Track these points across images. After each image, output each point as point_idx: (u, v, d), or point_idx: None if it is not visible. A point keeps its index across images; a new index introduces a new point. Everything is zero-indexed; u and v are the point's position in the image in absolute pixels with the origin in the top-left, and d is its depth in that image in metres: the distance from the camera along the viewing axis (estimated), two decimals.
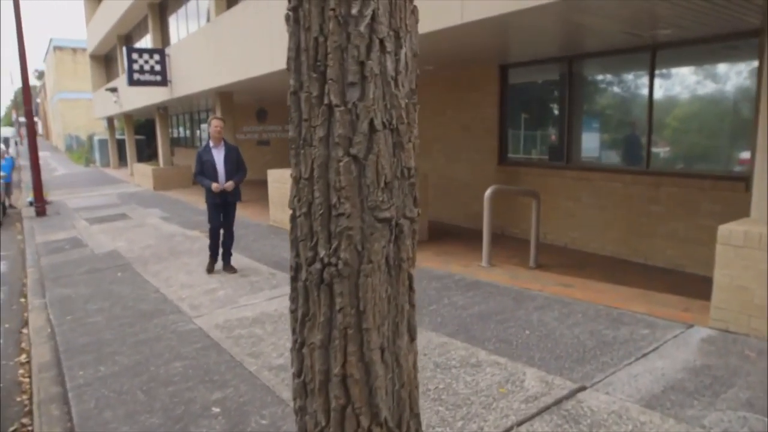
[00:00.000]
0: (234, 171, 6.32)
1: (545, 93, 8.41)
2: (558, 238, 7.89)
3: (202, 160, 6.22)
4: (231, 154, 6.32)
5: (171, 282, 6.13)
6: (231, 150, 6.37)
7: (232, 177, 6.29)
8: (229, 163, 6.29)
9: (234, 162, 6.33)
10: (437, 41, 6.27)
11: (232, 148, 6.43)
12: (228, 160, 6.28)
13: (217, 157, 6.23)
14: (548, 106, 8.31)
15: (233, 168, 6.32)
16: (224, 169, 6.25)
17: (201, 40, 12.28)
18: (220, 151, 6.27)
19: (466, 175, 9.29)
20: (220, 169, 6.22)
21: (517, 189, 7.56)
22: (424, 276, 5.73)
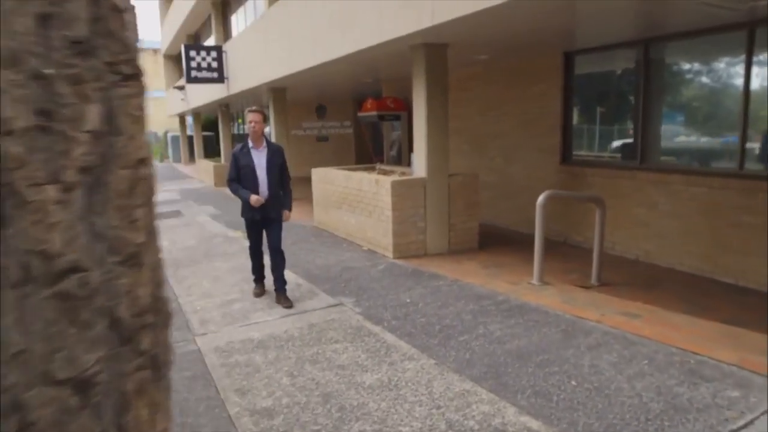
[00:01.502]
0: (279, 178, 5.06)
1: (616, 83, 7.37)
2: (628, 250, 6.88)
3: (239, 164, 4.94)
4: (275, 157, 5.01)
5: (193, 290, 5.77)
6: (275, 152, 5.05)
7: (277, 186, 5.04)
8: (273, 169, 5.00)
9: (277, 167, 5.04)
10: (489, 24, 5.50)
11: (276, 149, 5.10)
12: (272, 164, 4.99)
13: (258, 161, 4.95)
14: (620, 98, 7.27)
15: (278, 174, 5.06)
16: (266, 177, 4.96)
17: (252, 35, 12.05)
18: (261, 153, 4.98)
19: (525, 175, 8.39)
20: (261, 176, 4.95)
21: (576, 194, 6.62)
22: (463, 294, 5.01)
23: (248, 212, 5.07)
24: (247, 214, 5.09)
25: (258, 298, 5.32)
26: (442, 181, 6.80)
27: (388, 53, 7.35)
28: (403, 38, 6.10)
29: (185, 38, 22.87)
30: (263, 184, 4.97)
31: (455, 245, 7.03)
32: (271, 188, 4.99)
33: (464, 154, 9.73)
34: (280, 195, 5.10)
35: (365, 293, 5.22)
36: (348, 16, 7.24)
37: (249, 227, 5.23)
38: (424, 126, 6.65)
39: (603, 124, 7.51)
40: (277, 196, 5.06)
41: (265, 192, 4.97)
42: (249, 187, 4.94)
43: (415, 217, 6.67)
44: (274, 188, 5.02)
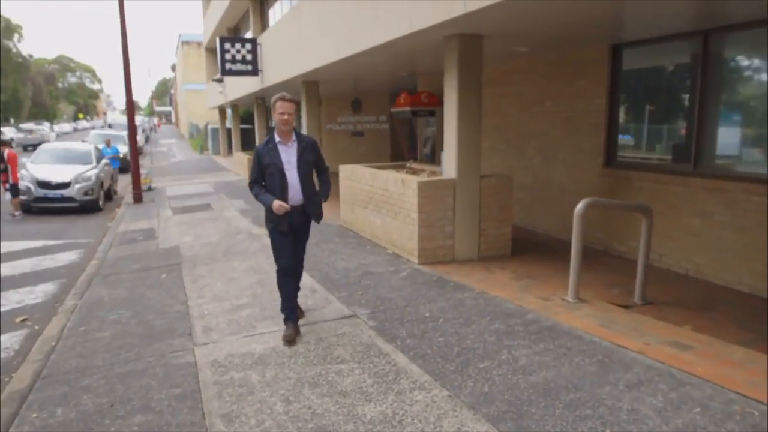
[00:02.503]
0: (310, 179, 4.19)
1: (669, 79, 6.71)
2: (677, 263, 6.24)
3: (262, 163, 4.05)
4: (307, 153, 4.12)
5: (205, 291, 5.51)
6: (307, 146, 4.14)
7: (310, 189, 4.15)
8: (305, 168, 4.10)
9: (310, 165, 4.17)
10: (529, 12, 4.99)
11: (309, 143, 4.19)
12: (302, 162, 4.08)
13: (286, 159, 4.04)
14: (672, 95, 6.61)
15: (311, 174, 4.21)
16: (297, 178, 4.05)
17: (286, 27, 11.80)
18: (290, 149, 4.07)
19: (565, 177, 7.81)
20: (290, 178, 4.03)
21: (620, 203, 6.03)
22: (489, 311, 4.55)
23: (274, 220, 4.09)
24: (273, 221, 4.10)
25: (289, 345, 4.00)
26: (474, 183, 6.32)
27: (421, 45, 6.91)
28: (435, 28, 5.66)
29: (225, 32, 22.94)
30: (293, 188, 4.03)
31: (486, 251, 6.56)
32: (304, 192, 4.08)
33: (500, 153, 9.19)
34: (315, 200, 4.20)
35: (383, 304, 4.83)
36: (379, 5, 6.83)
37: (276, 240, 4.18)
38: (456, 123, 6.19)
39: (652, 123, 6.86)
40: (311, 201, 4.15)
41: (297, 197, 4.05)
42: (275, 191, 4.02)
43: (443, 220, 6.23)
44: (307, 192, 4.11)
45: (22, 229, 10.32)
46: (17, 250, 8.45)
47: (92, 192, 12.39)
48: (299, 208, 4.12)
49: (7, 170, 11.60)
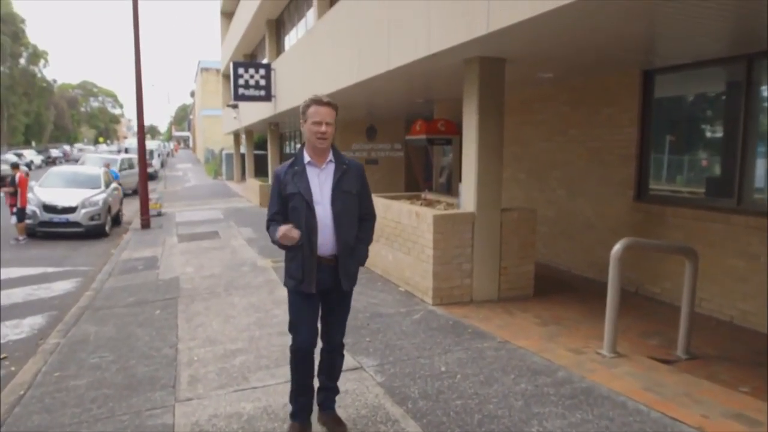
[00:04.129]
0: (350, 220, 2.96)
1: (707, 107, 6.21)
2: (719, 309, 5.64)
3: (284, 192, 2.91)
4: (348, 181, 2.95)
5: (199, 332, 5.04)
6: (351, 171, 2.98)
7: (350, 231, 2.95)
8: (343, 202, 2.92)
9: (352, 199, 2.96)
10: (553, 33, 4.57)
11: (352, 167, 3.02)
12: (340, 193, 2.92)
13: (318, 187, 2.90)
14: (711, 124, 6.10)
15: (349, 212, 2.96)
16: (331, 215, 2.88)
17: (299, 52, 11.57)
18: (324, 174, 2.94)
19: (592, 212, 7.27)
20: (322, 215, 2.87)
21: (661, 244, 5.48)
22: (513, 366, 4.00)
23: (295, 275, 2.88)
24: (293, 278, 2.89)
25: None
26: (494, 217, 5.83)
27: (439, 69, 6.52)
28: (455, 50, 5.26)
29: (242, 58, 23.00)
30: (325, 230, 2.85)
31: (506, 291, 6.02)
32: (340, 237, 2.88)
33: (520, 184, 8.70)
34: (354, 255, 2.98)
35: (392, 353, 4.30)
36: (394, 28, 6.48)
37: (295, 305, 2.96)
38: (475, 152, 5.74)
39: (688, 155, 6.33)
40: (349, 254, 2.93)
41: (329, 244, 2.88)
42: (301, 228, 2.83)
43: (461, 258, 5.71)
44: (344, 238, 2.90)
45: (24, 254, 10.00)
46: (14, 277, 8.09)
47: (99, 217, 12.10)
48: (331, 261, 2.90)
49: (16, 194, 11.38)
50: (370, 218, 3.12)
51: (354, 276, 3.02)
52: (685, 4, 3.66)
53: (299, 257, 2.88)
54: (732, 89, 5.67)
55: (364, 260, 3.07)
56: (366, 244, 3.09)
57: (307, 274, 2.88)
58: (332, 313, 3.08)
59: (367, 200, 3.10)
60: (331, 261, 2.92)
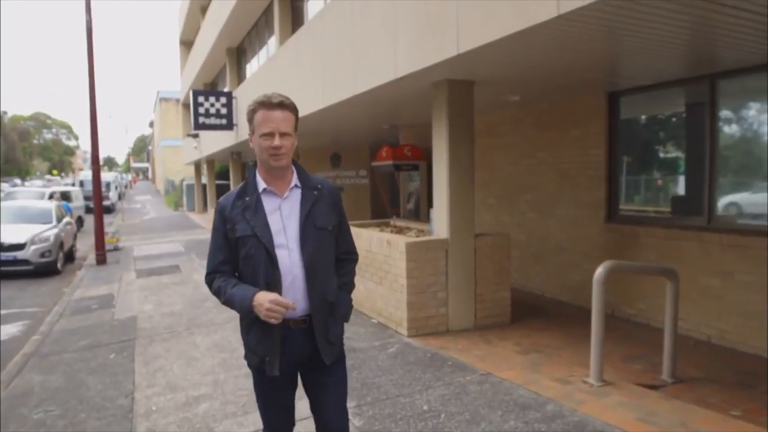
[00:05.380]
0: (329, 263, 2.23)
1: (673, 127, 6.27)
2: (695, 329, 5.59)
3: (233, 234, 2.11)
4: (321, 212, 2.18)
5: (158, 377, 4.64)
6: (323, 199, 2.21)
7: (324, 287, 2.16)
8: (317, 241, 2.15)
9: (327, 237, 2.20)
10: (522, 55, 4.50)
11: (326, 192, 2.23)
12: (311, 230, 2.14)
13: (278, 224, 2.12)
14: (678, 144, 6.15)
15: (325, 256, 2.19)
16: (301, 263, 2.10)
17: (262, 79, 11.36)
18: (288, 205, 2.16)
19: (563, 234, 7.21)
20: (288, 263, 2.09)
21: (642, 266, 5.40)
22: (499, 401, 3.77)
23: (257, 350, 2.14)
24: (255, 352, 2.15)
25: None
26: (468, 243, 5.67)
27: (405, 93, 6.41)
28: (424, 73, 5.14)
29: (202, 87, 22.64)
30: (294, 282, 2.09)
31: (483, 319, 5.83)
32: (315, 288, 2.12)
33: (490, 209, 8.62)
34: (336, 313, 2.22)
35: (370, 392, 4.02)
36: (360, 52, 6.35)
37: (261, 390, 2.24)
38: (446, 177, 5.59)
39: (658, 174, 6.36)
40: (329, 306, 2.17)
41: (300, 301, 2.09)
42: (258, 286, 2.07)
43: (435, 286, 5.51)
44: (320, 292, 2.13)
45: None
46: None
47: (50, 254, 11.41)
48: (303, 324, 2.12)
49: None
50: (351, 258, 2.36)
51: (338, 340, 2.23)
52: (647, 26, 3.64)
53: (258, 324, 2.07)
54: (697, 109, 5.73)
55: (348, 315, 2.29)
56: (349, 292, 2.31)
57: (268, 348, 2.07)
58: (322, 392, 2.19)
59: (347, 235, 2.33)
60: (303, 323, 2.11)
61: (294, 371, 2.22)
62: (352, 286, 2.36)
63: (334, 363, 2.21)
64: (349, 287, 2.33)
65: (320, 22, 7.76)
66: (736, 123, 5.49)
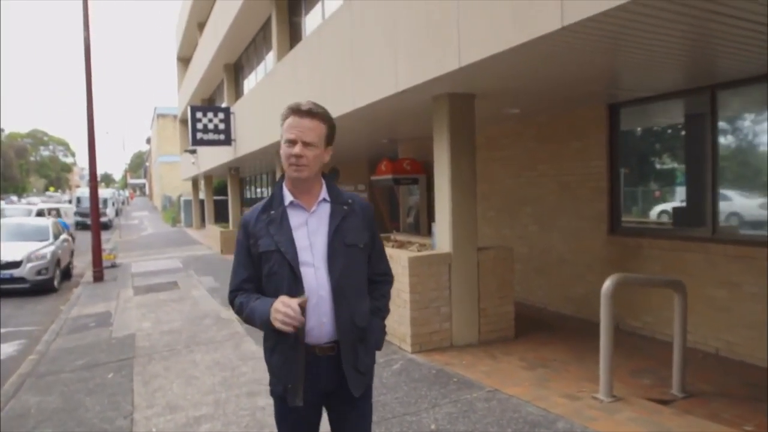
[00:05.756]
0: (360, 284, 2.05)
1: (675, 138, 6.26)
2: (703, 341, 5.52)
3: (256, 249, 1.98)
4: (351, 228, 2.02)
5: (157, 397, 4.54)
6: (353, 215, 2.04)
7: (355, 310, 1.98)
8: (346, 259, 1.97)
9: (358, 255, 2.02)
10: (524, 68, 4.49)
11: (357, 208, 2.07)
12: (340, 246, 1.97)
13: (305, 239, 1.97)
14: (680, 155, 6.13)
15: (356, 276, 2.02)
16: (328, 283, 1.94)
17: (259, 94, 11.36)
18: (315, 220, 2.00)
19: (565, 247, 7.17)
20: (314, 281, 1.92)
21: (649, 278, 5.35)
22: (508, 419, 3.69)
23: (280, 375, 1.98)
24: (279, 378, 1.98)
25: None
26: (471, 257, 5.61)
27: (405, 107, 6.39)
28: (425, 86, 5.12)
29: (200, 103, 22.68)
30: (320, 303, 1.93)
31: (487, 334, 5.75)
32: (344, 311, 1.96)
33: (490, 222, 8.58)
34: (368, 340, 2.05)
35: (375, 411, 3.89)
36: (359, 66, 6.34)
37: (283, 417, 2.06)
38: (448, 190, 5.55)
39: (659, 186, 6.33)
40: (359, 332, 2.00)
41: (326, 327, 1.95)
42: None
43: (438, 301, 5.44)
44: (352, 311, 1.97)
45: None
46: None
47: (46, 271, 11.30)
48: (330, 351, 1.96)
49: None
50: (386, 280, 2.19)
51: (369, 370, 2.05)
52: (649, 37, 3.62)
53: (282, 346, 1.93)
54: (697, 120, 5.72)
55: (381, 343, 2.11)
56: (383, 318, 2.13)
57: (291, 375, 1.92)
58: (346, 425, 2.06)
59: (381, 254, 2.17)
60: (330, 350, 1.95)
61: (319, 402, 2.04)
62: (387, 311, 2.17)
63: (362, 402, 2.05)
64: (383, 312, 2.14)
65: (318, 38, 7.77)
66: (738, 133, 5.47)
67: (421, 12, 4.93)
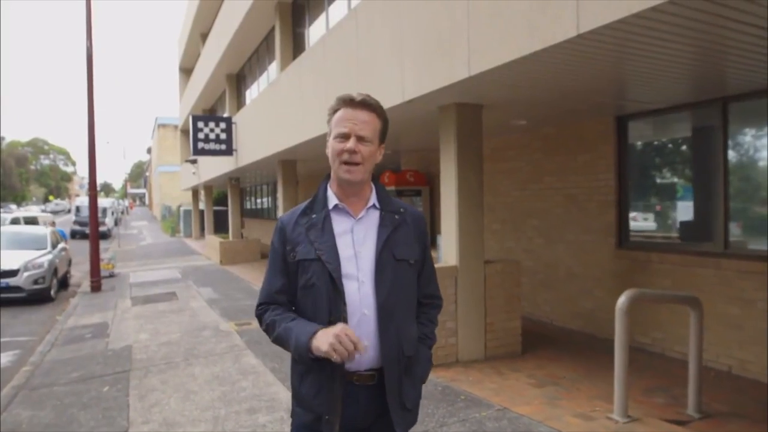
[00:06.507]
0: (410, 305, 1.81)
1: (685, 151, 6.17)
2: (715, 359, 5.38)
3: (293, 257, 1.75)
4: (401, 241, 1.78)
5: (153, 413, 4.38)
6: (404, 225, 1.81)
7: (403, 332, 1.74)
8: (395, 274, 1.73)
9: (408, 271, 1.79)
10: (535, 78, 4.40)
11: (410, 218, 1.84)
12: (388, 259, 1.73)
13: (351, 247, 1.73)
14: (690, 168, 6.03)
15: (409, 294, 1.80)
16: (373, 299, 1.69)
17: (262, 104, 11.30)
18: (364, 228, 1.77)
19: (573, 260, 7.04)
20: (356, 297, 1.68)
21: (665, 294, 5.22)
22: None
23: (317, 404, 1.70)
24: (305, 406, 1.75)
25: None
26: (477, 270, 5.48)
27: (410, 118, 6.31)
28: (432, 96, 5.03)
29: (201, 113, 22.66)
30: (364, 323, 1.69)
31: (493, 349, 5.61)
32: (390, 334, 1.71)
33: (495, 234, 8.46)
34: (418, 355, 1.82)
35: None
36: (364, 75, 6.27)
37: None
38: (455, 202, 5.44)
39: (669, 200, 6.23)
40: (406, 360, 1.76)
41: (370, 348, 1.67)
42: (320, 323, 1.67)
43: (444, 315, 5.30)
44: (399, 334, 1.73)
45: None
46: None
47: (43, 281, 11.14)
48: (370, 380, 1.72)
49: None
50: (435, 304, 1.95)
51: (415, 406, 1.81)
52: (662, 46, 3.54)
53: (316, 373, 1.69)
54: (708, 133, 5.63)
55: (427, 376, 1.87)
56: (430, 347, 1.89)
57: (328, 407, 1.67)
58: None
59: (432, 273, 1.92)
60: (371, 379, 1.70)
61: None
62: (434, 339, 1.91)
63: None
64: (431, 341, 1.89)
65: (323, 47, 7.71)
66: (750, 147, 5.38)
67: (429, 20, 4.86)
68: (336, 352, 1.53)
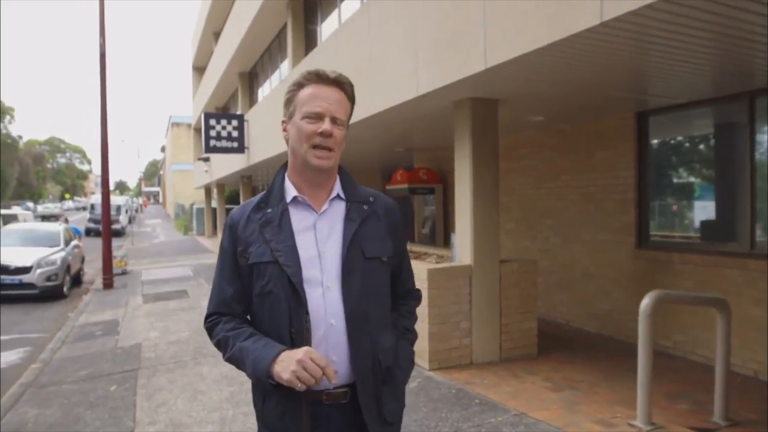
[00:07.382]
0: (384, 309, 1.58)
1: (709, 147, 5.95)
2: (742, 363, 5.17)
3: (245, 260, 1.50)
4: (374, 235, 1.55)
5: (160, 413, 4.30)
6: (376, 216, 1.57)
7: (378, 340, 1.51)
8: (365, 274, 1.50)
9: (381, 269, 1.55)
10: (553, 70, 4.23)
11: (381, 208, 1.60)
12: (357, 256, 1.49)
13: (313, 246, 1.49)
14: (715, 165, 5.82)
15: (382, 297, 1.57)
16: (342, 305, 1.45)
17: (274, 101, 11.22)
18: (328, 223, 1.52)
19: (590, 260, 6.85)
20: (319, 305, 1.44)
21: (690, 295, 5.01)
22: None
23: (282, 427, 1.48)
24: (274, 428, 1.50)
25: None
26: (493, 269, 5.33)
27: (423, 114, 6.17)
28: (446, 90, 4.88)
29: (214, 111, 22.70)
30: (331, 335, 1.46)
31: (508, 351, 5.45)
32: (362, 345, 1.48)
33: (509, 234, 8.28)
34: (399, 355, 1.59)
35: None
36: (378, 69, 6.13)
37: None
38: (470, 200, 5.29)
39: (692, 198, 6.02)
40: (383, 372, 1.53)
41: (340, 363, 1.45)
42: (279, 336, 1.45)
43: (458, 315, 5.16)
44: (373, 345, 1.51)
45: None
46: None
47: (56, 277, 11.17)
48: (342, 397, 1.48)
49: None
50: (413, 294, 1.76)
51: (397, 418, 1.59)
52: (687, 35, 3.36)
53: (280, 393, 1.44)
54: (733, 129, 5.42)
55: (408, 377, 1.64)
56: (413, 341, 1.68)
57: (290, 423, 1.46)
58: None
59: (408, 269, 1.73)
60: (342, 397, 1.47)
61: None
62: (415, 333, 1.69)
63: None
64: (412, 335, 1.67)
65: (335, 42, 7.59)
66: None
67: (443, 12, 4.71)
68: (300, 379, 1.32)
